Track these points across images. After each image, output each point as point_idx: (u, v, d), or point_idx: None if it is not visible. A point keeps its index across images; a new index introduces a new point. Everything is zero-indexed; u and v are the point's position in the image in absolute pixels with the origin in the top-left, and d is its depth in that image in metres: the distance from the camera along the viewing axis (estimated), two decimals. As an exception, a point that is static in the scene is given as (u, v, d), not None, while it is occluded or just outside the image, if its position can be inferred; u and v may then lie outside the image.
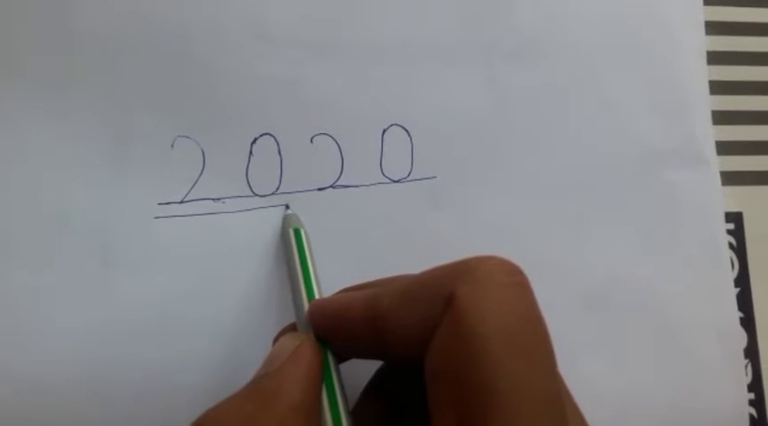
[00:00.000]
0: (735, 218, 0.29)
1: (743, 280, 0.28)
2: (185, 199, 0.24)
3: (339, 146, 0.26)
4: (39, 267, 0.23)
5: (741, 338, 0.27)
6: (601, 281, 0.26)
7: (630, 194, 0.27)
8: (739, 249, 0.29)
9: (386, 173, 0.26)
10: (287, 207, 0.25)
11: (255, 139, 0.25)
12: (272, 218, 0.25)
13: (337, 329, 0.18)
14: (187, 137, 0.25)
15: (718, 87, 0.29)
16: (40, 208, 0.24)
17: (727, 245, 0.28)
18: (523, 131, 0.27)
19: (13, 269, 0.23)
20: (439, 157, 0.26)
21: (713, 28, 0.29)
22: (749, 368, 0.27)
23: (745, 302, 0.28)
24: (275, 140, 0.25)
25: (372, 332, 0.17)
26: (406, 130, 0.26)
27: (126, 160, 0.24)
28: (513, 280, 0.15)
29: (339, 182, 0.25)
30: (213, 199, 0.25)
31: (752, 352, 0.27)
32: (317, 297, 0.21)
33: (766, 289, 0.28)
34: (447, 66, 0.27)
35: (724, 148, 0.29)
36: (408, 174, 0.26)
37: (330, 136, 0.26)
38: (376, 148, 0.26)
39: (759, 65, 0.30)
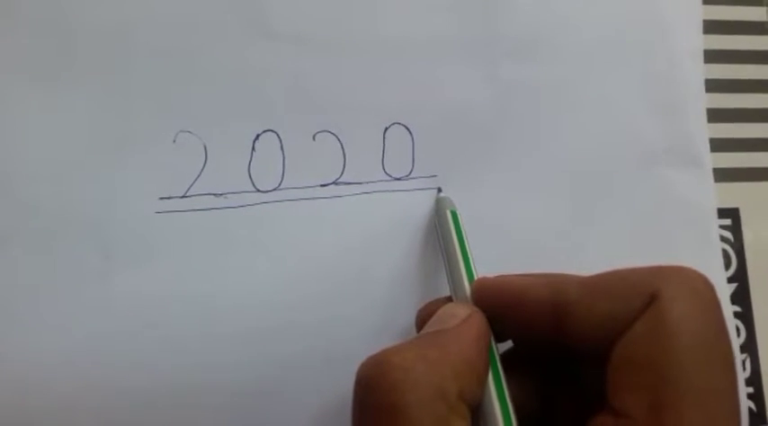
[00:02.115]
0: (732, 215, 0.29)
1: (740, 276, 0.28)
2: (187, 194, 0.24)
3: (341, 144, 0.26)
4: (40, 262, 0.23)
5: (735, 333, 0.28)
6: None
7: (626, 191, 0.27)
8: (736, 245, 0.29)
9: (387, 171, 0.26)
10: (439, 189, 0.26)
11: (258, 136, 0.25)
12: (275, 214, 0.25)
13: (509, 308, 0.20)
14: (189, 132, 0.25)
15: (714, 85, 0.29)
16: (40, 202, 0.23)
17: (719, 242, 0.28)
18: (523, 129, 0.27)
19: (13, 264, 0.23)
20: (440, 155, 0.26)
21: (710, 26, 0.29)
22: (747, 362, 0.28)
23: (742, 297, 0.28)
24: (278, 137, 0.25)
25: (552, 316, 0.18)
26: (408, 128, 0.26)
27: (127, 154, 0.24)
28: (710, 293, 0.17)
29: (341, 179, 0.26)
30: (215, 195, 0.25)
31: (750, 347, 0.28)
32: (476, 276, 0.22)
33: (763, 284, 0.29)
34: (448, 63, 0.27)
35: (722, 145, 0.29)
36: (410, 172, 0.26)
37: (332, 133, 0.26)
38: (378, 146, 0.26)
39: (755, 64, 0.30)
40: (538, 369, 0.21)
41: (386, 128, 0.26)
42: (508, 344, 0.21)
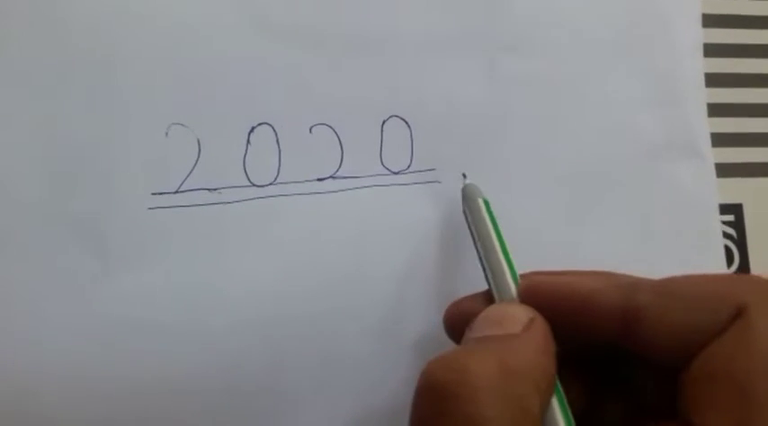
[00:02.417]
0: (735, 210, 0.29)
1: (743, 271, 0.28)
2: (180, 189, 0.24)
3: (338, 137, 0.25)
4: (32, 260, 0.23)
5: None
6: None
7: (627, 186, 0.27)
8: (740, 240, 0.29)
9: (386, 165, 0.26)
10: (464, 175, 0.25)
11: (253, 128, 0.25)
12: (271, 209, 0.24)
13: (569, 311, 0.18)
14: (182, 125, 0.24)
15: (717, 80, 0.29)
16: (32, 200, 0.23)
17: (721, 237, 0.28)
18: (522, 123, 0.27)
19: (5, 263, 0.23)
20: (438, 149, 0.26)
21: (710, 20, 0.29)
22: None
23: (746, 293, 0.28)
24: (273, 130, 0.25)
25: (620, 321, 0.17)
26: (406, 122, 0.26)
27: (118, 149, 0.24)
28: None
29: (339, 173, 0.25)
30: (209, 190, 0.24)
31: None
32: (516, 271, 0.21)
33: (766, 281, 0.28)
34: (447, 57, 0.26)
35: (725, 141, 0.29)
36: (408, 166, 0.26)
37: (329, 126, 0.25)
38: (376, 139, 0.26)
39: (756, 57, 0.30)
40: (586, 373, 0.20)
41: (384, 121, 0.26)
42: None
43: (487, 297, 0.21)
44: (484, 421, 0.14)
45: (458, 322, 0.21)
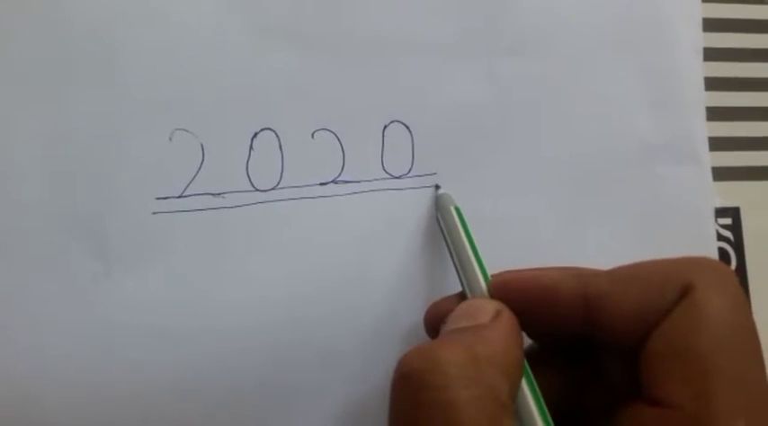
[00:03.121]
0: (732, 214, 0.29)
1: (740, 275, 0.29)
2: (184, 194, 0.24)
3: (340, 142, 0.25)
4: (34, 264, 0.23)
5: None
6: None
7: (624, 188, 0.28)
8: (737, 244, 0.29)
9: (387, 169, 0.26)
10: (437, 186, 0.26)
11: (256, 134, 0.25)
12: (274, 213, 0.25)
13: (537, 302, 0.19)
14: (185, 131, 0.24)
15: (716, 83, 0.29)
16: (35, 203, 0.23)
17: (716, 241, 0.28)
18: (522, 126, 0.27)
19: (8, 266, 0.23)
20: (439, 153, 0.26)
21: (709, 24, 0.29)
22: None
23: (743, 296, 0.28)
24: (276, 135, 0.25)
25: (582, 309, 0.19)
26: (407, 127, 0.26)
27: (123, 153, 0.24)
28: (738, 284, 0.18)
29: (340, 178, 0.25)
30: (213, 194, 0.24)
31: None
32: (488, 272, 0.22)
33: (763, 283, 0.29)
34: (447, 61, 0.26)
35: (723, 144, 0.29)
36: (409, 171, 0.26)
37: (331, 131, 0.25)
38: (377, 144, 0.26)
39: (755, 61, 0.30)
40: (559, 362, 0.21)
41: (385, 127, 0.26)
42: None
43: (461, 297, 0.22)
44: (455, 405, 0.15)
45: (435, 321, 0.22)
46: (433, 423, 0.15)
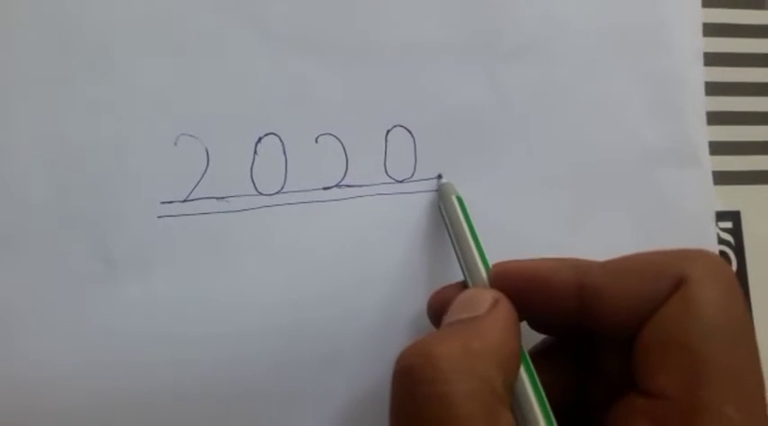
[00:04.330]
0: (733, 217, 0.29)
1: (741, 278, 0.29)
2: (189, 198, 0.24)
3: (343, 146, 0.26)
4: (40, 267, 0.23)
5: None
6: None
7: (624, 192, 0.28)
8: (737, 247, 0.29)
9: (390, 174, 0.26)
10: (440, 176, 0.26)
11: (260, 138, 0.25)
12: (278, 217, 0.25)
13: (534, 291, 0.20)
14: (190, 135, 0.24)
15: (716, 88, 0.30)
16: (41, 206, 0.23)
17: (716, 244, 0.28)
18: (524, 131, 0.27)
19: (13, 268, 0.23)
20: (442, 158, 0.26)
21: (710, 29, 0.30)
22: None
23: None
24: (280, 140, 0.25)
25: (577, 299, 0.19)
26: (410, 131, 0.26)
27: (128, 158, 0.24)
28: (733, 275, 0.18)
29: (344, 182, 0.25)
30: (217, 198, 0.24)
31: (750, 349, 0.28)
32: (489, 262, 0.22)
33: (763, 286, 0.29)
34: (450, 66, 0.27)
35: (723, 148, 0.29)
36: (412, 175, 0.26)
37: (334, 136, 0.26)
38: (380, 148, 0.26)
39: (755, 66, 0.30)
40: (557, 354, 0.21)
41: (388, 131, 0.26)
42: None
43: (463, 285, 0.22)
44: (451, 398, 0.15)
45: (438, 310, 0.22)
46: (431, 417, 0.16)
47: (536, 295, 0.20)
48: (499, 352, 0.17)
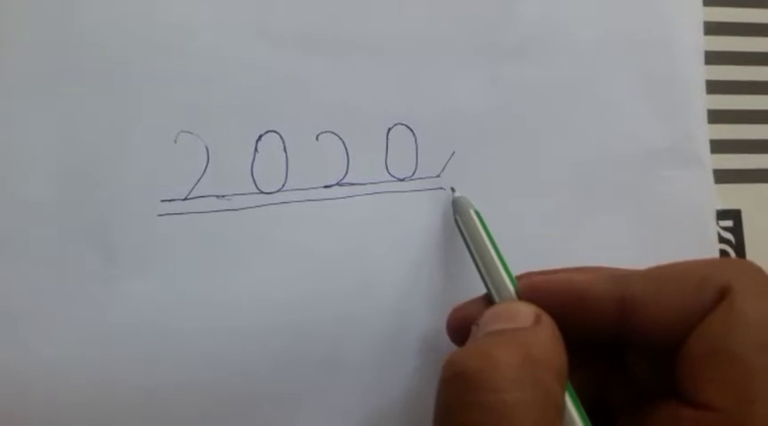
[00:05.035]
0: (733, 216, 0.29)
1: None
2: (189, 196, 0.24)
3: (344, 144, 0.25)
4: (41, 266, 0.23)
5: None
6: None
7: (627, 191, 0.28)
8: (738, 246, 0.29)
9: (391, 172, 0.26)
10: (453, 189, 0.26)
11: (261, 136, 0.25)
12: (279, 215, 0.25)
13: (567, 306, 0.19)
14: (190, 133, 0.24)
15: (717, 87, 0.30)
16: (41, 204, 0.23)
17: (717, 243, 0.28)
18: (525, 129, 0.27)
19: (14, 267, 0.23)
20: (443, 156, 0.26)
21: (711, 28, 0.30)
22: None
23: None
24: (280, 137, 0.25)
25: (617, 311, 0.18)
26: (411, 129, 0.26)
27: (128, 155, 0.24)
28: None
29: (345, 180, 0.25)
30: (218, 196, 0.24)
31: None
32: (513, 273, 0.21)
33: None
34: (451, 64, 0.27)
35: (724, 147, 0.29)
36: (413, 173, 0.26)
37: (335, 134, 0.25)
38: (381, 146, 0.26)
39: (756, 65, 0.30)
40: (584, 359, 0.20)
41: (389, 129, 0.26)
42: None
43: (486, 301, 0.22)
44: (511, 407, 0.15)
45: (461, 325, 0.22)
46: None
47: (572, 309, 0.19)
48: (556, 363, 0.17)
